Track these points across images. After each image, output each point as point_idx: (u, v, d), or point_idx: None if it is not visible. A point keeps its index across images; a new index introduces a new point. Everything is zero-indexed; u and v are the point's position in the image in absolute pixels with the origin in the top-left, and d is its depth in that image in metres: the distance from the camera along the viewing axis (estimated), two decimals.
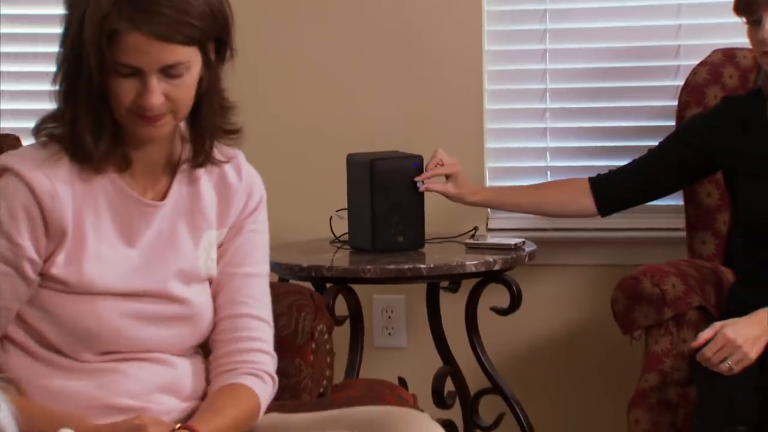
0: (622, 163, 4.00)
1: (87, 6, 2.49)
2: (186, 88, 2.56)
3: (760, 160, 3.70)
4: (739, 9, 3.60)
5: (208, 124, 2.70)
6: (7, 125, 3.84)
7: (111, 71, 2.52)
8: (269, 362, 2.78)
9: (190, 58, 2.55)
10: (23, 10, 4.75)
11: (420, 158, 3.97)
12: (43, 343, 2.64)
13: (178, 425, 2.56)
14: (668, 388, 3.63)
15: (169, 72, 2.53)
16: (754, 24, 3.57)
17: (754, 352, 3.34)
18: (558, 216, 4.21)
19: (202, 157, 2.72)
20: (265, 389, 2.75)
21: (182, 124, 2.71)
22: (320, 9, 4.49)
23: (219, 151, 2.75)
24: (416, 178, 3.93)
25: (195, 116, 2.68)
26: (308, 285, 3.60)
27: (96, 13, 2.47)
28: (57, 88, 2.62)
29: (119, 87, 2.53)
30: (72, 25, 2.54)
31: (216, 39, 2.61)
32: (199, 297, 2.75)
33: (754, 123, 3.74)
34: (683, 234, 4.19)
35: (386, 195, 3.92)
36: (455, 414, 4.12)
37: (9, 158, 2.64)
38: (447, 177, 3.97)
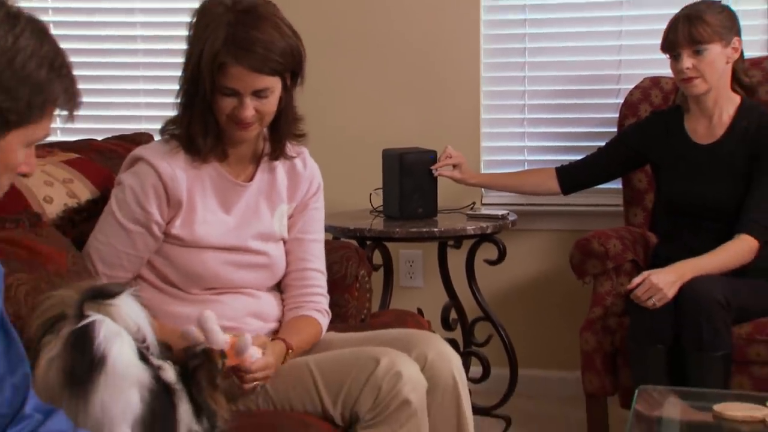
0: (578, 157, 4.00)
1: (204, 45, 2.55)
2: (270, 105, 2.62)
3: (678, 157, 3.70)
4: (664, 47, 3.59)
5: (284, 131, 2.76)
6: (145, 126, 3.87)
7: (217, 91, 2.57)
8: (325, 301, 2.88)
9: (274, 84, 2.60)
10: (160, 46, 4.76)
11: (434, 152, 3.97)
12: (166, 281, 2.71)
13: (272, 338, 2.66)
14: (609, 318, 3.64)
15: (258, 94, 2.59)
16: (675, 58, 3.56)
17: (671, 293, 3.34)
18: (533, 194, 4.20)
19: (278, 152, 2.79)
20: (323, 319, 2.85)
21: (265, 129, 2.75)
22: (364, 47, 4.48)
23: (291, 149, 2.81)
24: (432, 167, 3.94)
25: (275, 125, 2.74)
26: (354, 242, 3.61)
27: (211, 50, 2.53)
28: (178, 100, 2.68)
29: (222, 102, 2.59)
30: (192, 57, 2.60)
31: (292, 71, 2.65)
32: (275, 252, 2.82)
33: (674, 130, 3.73)
34: (621, 208, 4.19)
35: (410, 178, 3.92)
36: (457, 335, 4.13)
37: (142, 151, 2.71)
38: (454, 166, 3.98)
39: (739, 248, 3.49)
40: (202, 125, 2.63)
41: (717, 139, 3.65)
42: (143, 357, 2.12)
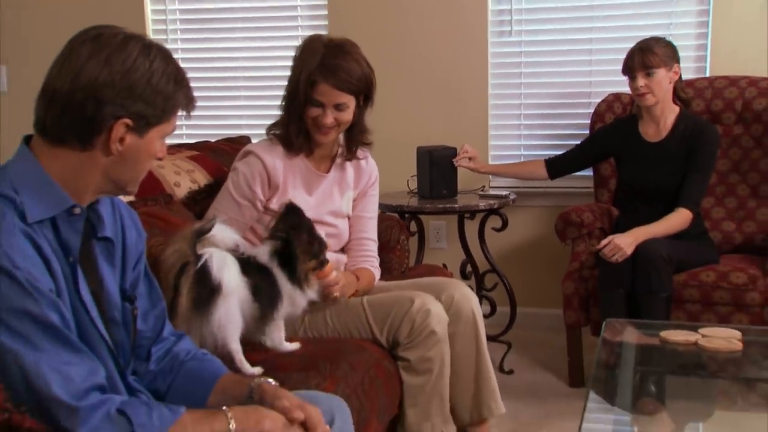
0: (561, 152, 3.98)
1: (303, 68, 2.60)
2: (345, 116, 2.66)
3: (633, 152, 3.69)
4: (624, 71, 3.58)
5: (355, 139, 2.79)
6: (244, 132, 3.90)
7: (308, 102, 2.62)
8: (375, 262, 2.91)
9: (350, 101, 2.64)
10: (255, 74, 4.79)
11: (455, 149, 3.97)
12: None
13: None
14: (584, 270, 3.65)
15: (338, 107, 2.62)
16: (632, 79, 3.56)
17: (629, 251, 3.35)
18: (527, 180, 4.18)
19: (350, 155, 2.83)
20: (376, 272, 2.87)
21: (340, 137, 2.79)
22: (404, 74, 4.49)
23: (360, 153, 2.86)
24: (453, 159, 3.95)
25: (349, 134, 2.77)
26: (396, 215, 3.63)
27: (307, 71, 2.58)
28: (281, 106, 2.72)
29: (311, 111, 2.63)
30: (294, 77, 2.64)
31: (364, 94, 2.68)
32: (342, 225, 2.85)
33: (631, 132, 3.72)
34: (592, 189, 4.17)
35: (437, 168, 3.91)
36: (472, 283, 4.13)
37: (253, 147, 2.75)
38: (470, 158, 3.98)
39: (679, 218, 3.49)
40: (296, 126, 2.67)
41: (662, 139, 3.64)
42: (244, 262, 2.22)
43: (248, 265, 2.25)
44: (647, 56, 3.51)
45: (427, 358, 2.55)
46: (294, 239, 2.32)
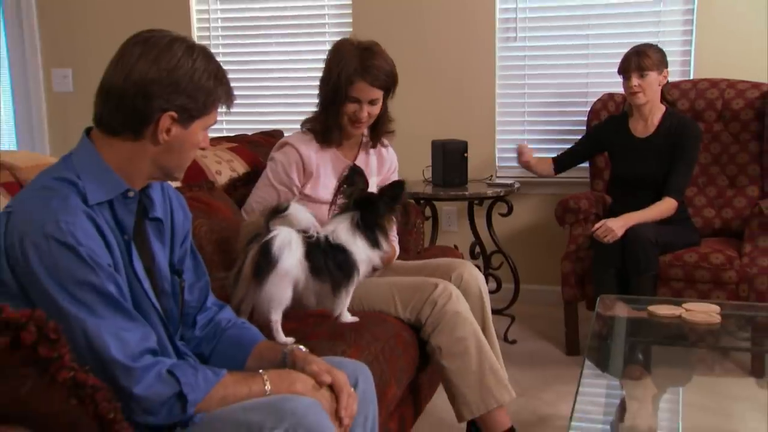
0: (558, 146, 3.98)
1: (341, 69, 2.60)
2: (377, 110, 2.68)
3: (624, 147, 3.69)
4: (620, 71, 3.58)
5: (381, 128, 2.80)
6: (277, 126, 3.90)
7: (346, 99, 2.63)
8: (395, 241, 2.90)
9: (381, 96, 2.66)
10: (284, 75, 4.79)
11: (465, 142, 3.95)
12: None
13: None
14: (580, 251, 3.64)
15: (372, 102, 2.64)
16: (626, 79, 3.56)
17: (620, 233, 3.36)
18: (542, 176, 4.11)
19: (375, 142, 2.84)
20: (396, 247, 2.88)
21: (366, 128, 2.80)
22: (421, 78, 4.47)
23: (384, 141, 2.86)
24: (518, 160, 3.93)
25: (374, 125, 2.78)
26: (413, 201, 3.64)
27: (346, 72, 2.59)
28: (318, 101, 2.73)
29: (347, 107, 2.64)
30: (330, 78, 2.65)
31: (390, 87, 2.70)
32: None
33: (621, 129, 3.71)
34: (588, 179, 4.16)
35: (450, 159, 3.92)
36: (479, 262, 4.13)
37: (288, 139, 2.76)
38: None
39: (665, 206, 3.48)
40: (333, 121, 2.69)
41: (650, 135, 3.63)
42: (312, 244, 2.20)
43: (317, 248, 2.23)
44: (642, 59, 3.50)
45: (459, 338, 2.47)
46: (375, 198, 2.35)
